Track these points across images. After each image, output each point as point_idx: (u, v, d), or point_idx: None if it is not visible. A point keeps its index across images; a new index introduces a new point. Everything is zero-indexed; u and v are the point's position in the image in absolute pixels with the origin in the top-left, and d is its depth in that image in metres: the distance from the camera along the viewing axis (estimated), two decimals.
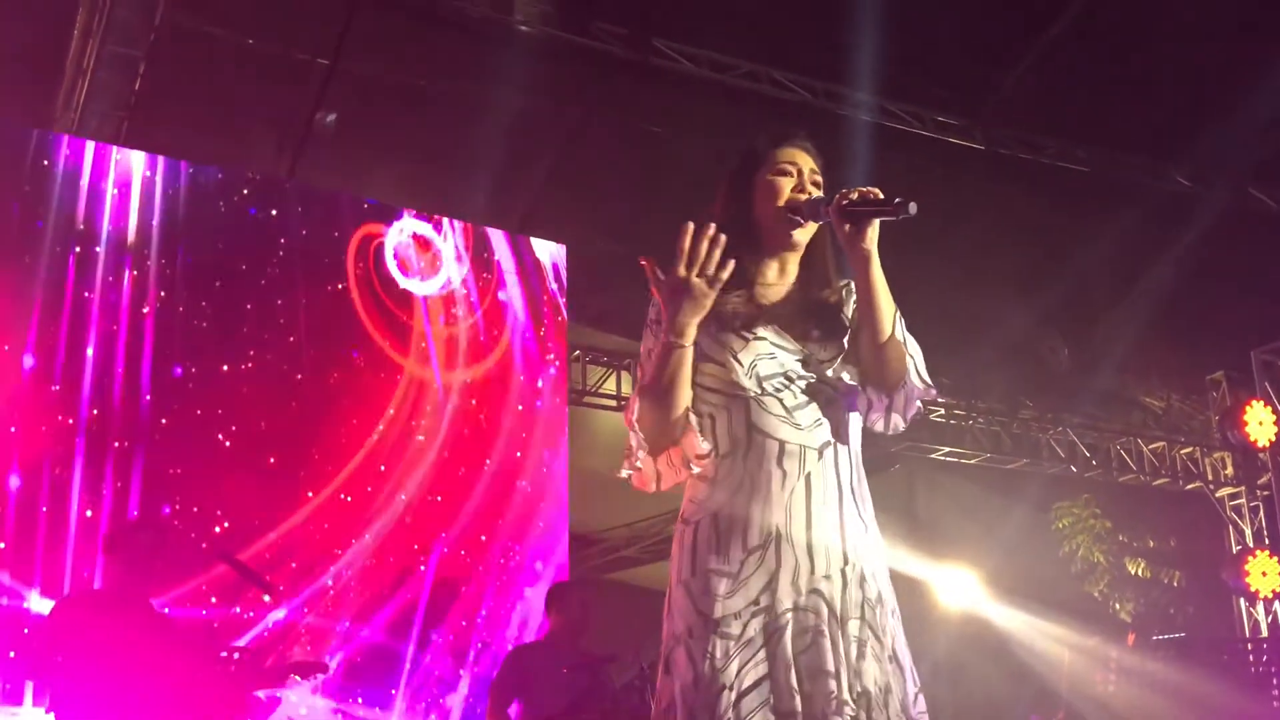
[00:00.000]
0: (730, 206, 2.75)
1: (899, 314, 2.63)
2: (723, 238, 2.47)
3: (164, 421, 7.06)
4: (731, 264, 2.47)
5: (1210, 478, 12.26)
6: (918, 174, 8.29)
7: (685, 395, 2.55)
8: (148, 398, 7.02)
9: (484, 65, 7.64)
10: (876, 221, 2.56)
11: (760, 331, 2.63)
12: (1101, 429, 12.30)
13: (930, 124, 8.54)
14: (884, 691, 2.48)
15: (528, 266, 8.59)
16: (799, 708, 2.39)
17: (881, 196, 2.55)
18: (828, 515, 2.56)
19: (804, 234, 2.72)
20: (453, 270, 8.26)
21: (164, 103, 7.58)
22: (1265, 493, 11.28)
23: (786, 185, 2.71)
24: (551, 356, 8.55)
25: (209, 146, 7.79)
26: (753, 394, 2.58)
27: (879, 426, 2.73)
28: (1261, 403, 10.00)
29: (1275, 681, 8.80)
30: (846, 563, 2.55)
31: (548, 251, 8.68)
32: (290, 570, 7.12)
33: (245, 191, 7.75)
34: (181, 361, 7.20)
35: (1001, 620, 11.86)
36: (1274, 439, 9.94)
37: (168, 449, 7.01)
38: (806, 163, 2.76)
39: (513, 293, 8.48)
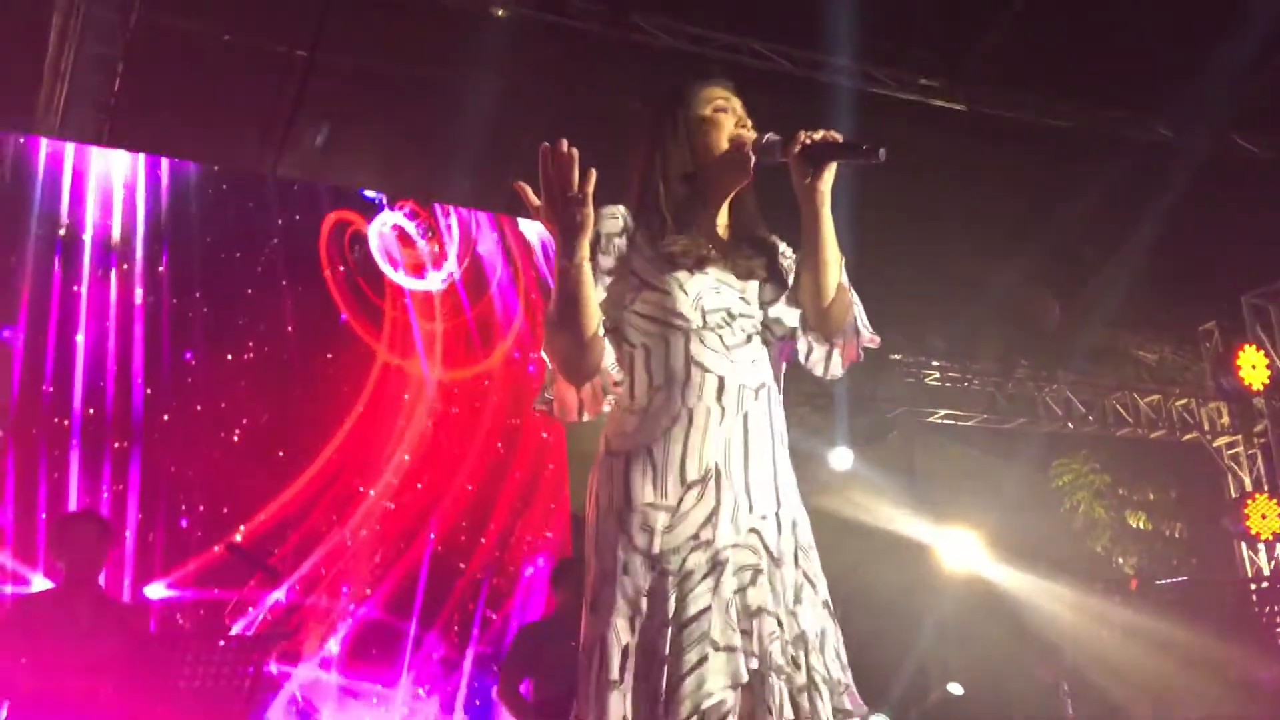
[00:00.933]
0: (664, 149, 2.69)
1: (843, 260, 2.63)
2: (575, 153, 2.39)
3: (166, 418, 7.12)
4: (593, 173, 2.40)
5: (1207, 428, 12.34)
6: (903, 137, 8.33)
7: (591, 317, 2.45)
8: (145, 393, 7.07)
9: (463, 50, 7.67)
10: (834, 165, 2.55)
11: (706, 267, 2.60)
12: (1097, 384, 12.37)
13: (912, 86, 8.58)
14: (819, 636, 2.48)
15: (516, 248, 8.64)
16: (738, 643, 2.36)
17: (842, 140, 2.54)
18: (763, 456, 2.55)
19: (748, 172, 2.68)
20: (446, 260, 8.30)
21: (145, 102, 7.60)
22: (1262, 440, 11.36)
23: (728, 122, 2.68)
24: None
25: (193, 143, 7.82)
26: (694, 326, 2.55)
27: (818, 370, 2.71)
28: (1254, 347, 10.06)
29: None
30: (780, 506, 2.54)
31: (535, 231, 8.72)
32: (294, 553, 7.19)
33: (231, 184, 7.80)
34: (178, 355, 7.25)
35: (1004, 580, 11.94)
36: (1268, 382, 9.98)
37: (169, 445, 7.07)
38: (737, 101, 2.72)
39: (504, 275, 8.53)
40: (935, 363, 11.53)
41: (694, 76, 2.75)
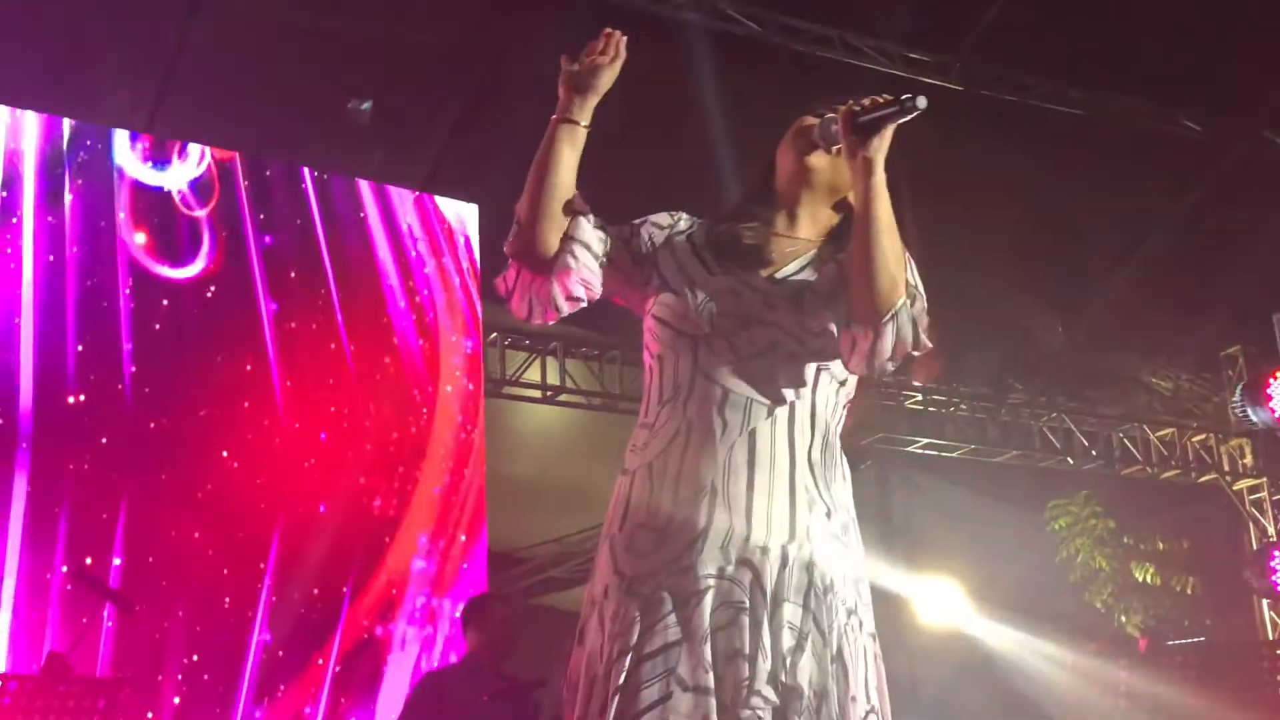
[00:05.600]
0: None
1: (897, 233, 2.62)
2: (617, 35, 2.68)
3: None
4: (621, 57, 2.67)
5: (1227, 468, 12.43)
6: None
7: (562, 182, 2.64)
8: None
9: None
10: (887, 131, 2.59)
11: (731, 267, 2.70)
12: (1101, 415, 12.43)
13: (900, 61, 8.60)
14: (818, 695, 2.46)
15: (435, 232, 8.56)
16: (710, 685, 2.40)
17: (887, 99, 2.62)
18: (774, 481, 2.57)
19: (819, 163, 2.75)
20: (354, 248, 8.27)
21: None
22: None
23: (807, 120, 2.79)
24: (460, 339, 8.51)
25: (55, 95, 7.71)
26: (703, 332, 2.63)
27: (859, 369, 2.65)
28: None
29: None
30: (792, 539, 2.54)
31: (456, 213, 8.64)
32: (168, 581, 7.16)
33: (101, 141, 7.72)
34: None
35: (990, 638, 12.00)
36: None
37: None
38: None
39: (417, 264, 8.44)
40: (916, 384, 11.56)
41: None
